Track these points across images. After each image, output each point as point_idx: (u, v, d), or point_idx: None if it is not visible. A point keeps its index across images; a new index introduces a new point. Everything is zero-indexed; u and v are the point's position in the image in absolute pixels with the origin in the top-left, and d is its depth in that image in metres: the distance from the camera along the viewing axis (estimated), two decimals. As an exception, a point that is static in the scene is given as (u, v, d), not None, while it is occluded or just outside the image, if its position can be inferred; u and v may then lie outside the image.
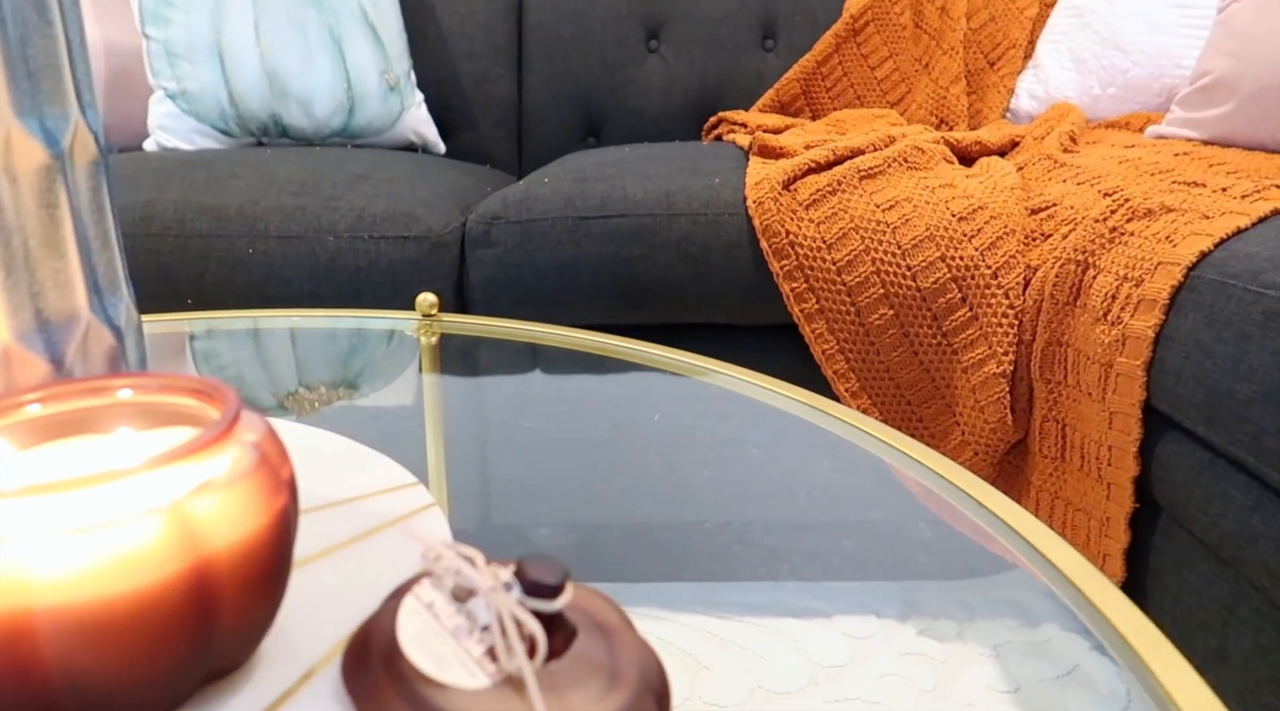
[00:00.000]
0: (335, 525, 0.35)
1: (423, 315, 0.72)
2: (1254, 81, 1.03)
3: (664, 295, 0.92)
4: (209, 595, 0.25)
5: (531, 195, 0.94)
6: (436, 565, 0.28)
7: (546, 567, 0.28)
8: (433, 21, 1.42)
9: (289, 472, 0.29)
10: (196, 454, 0.26)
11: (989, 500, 0.46)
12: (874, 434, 0.55)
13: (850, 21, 1.40)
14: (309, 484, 0.39)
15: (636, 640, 0.30)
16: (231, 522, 0.26)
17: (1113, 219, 0.83)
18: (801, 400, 0.61)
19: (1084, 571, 0.38)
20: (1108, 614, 0.36)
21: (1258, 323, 0.62)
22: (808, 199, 0.93)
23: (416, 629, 0.26)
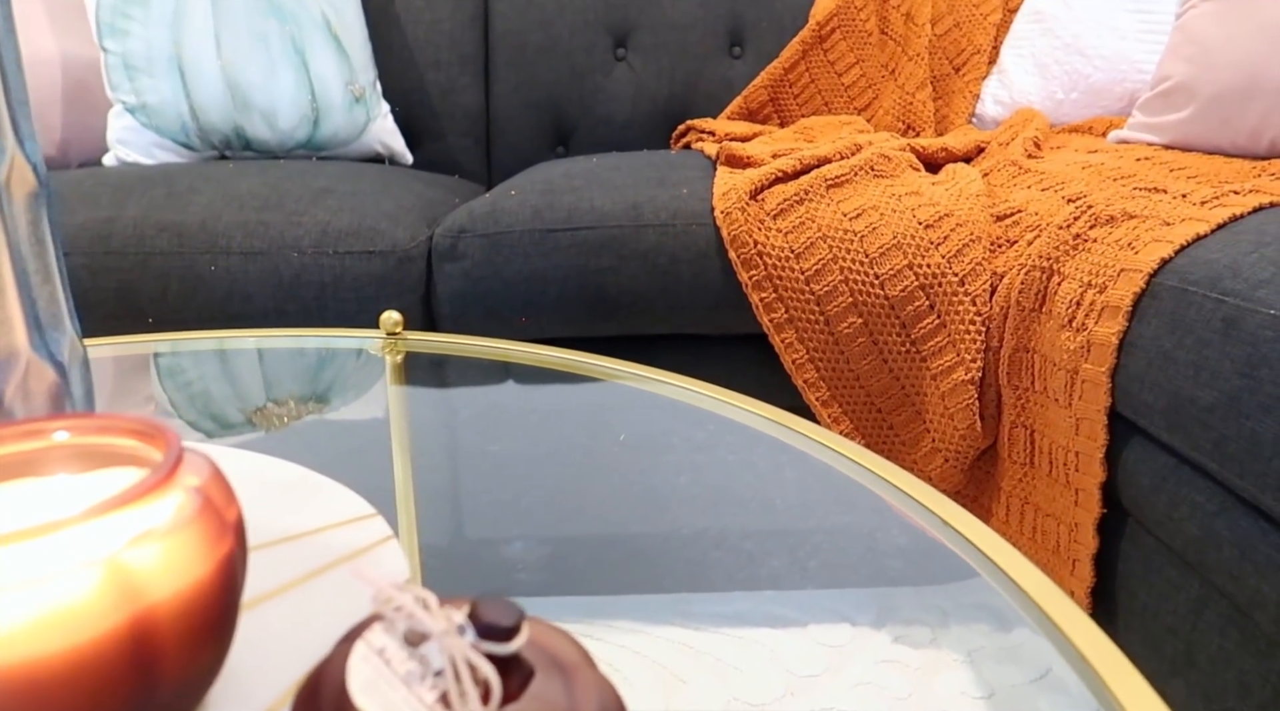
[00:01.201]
0: (289, 561, 0.34)
1: (387, 333, 0.71)
2: (1212, 86, 1.05)
3: (633, 307, 0.92)
4: (149, 649, 0.24)
5: (498, 208, 0.93)
6: (387, 608, 0.27)
7: (501, 609, 0.27)
8: (398, 31, 1.41)
9: (235, 514, 0.28)
10: (135, 501, 0.25)
11: (947, 513, 0.46)
12: (832, 446, 0.55)
13: (816, 29, 1.41)
14: (262, 517, 0.38)
15: (596, 678, 0.29)
16: (173, 572, 0.25)
17: (1076, 225, 0.83)
18: (761, 413, 0.61)
19: (1042, 586, 0.38)
20: (1066, 629, 0.36)
21: (1217, 330, 0.63)
22: (775, 208, 0.93)
23: (367, 676, 0.26)
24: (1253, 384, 0.59)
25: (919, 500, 0.48)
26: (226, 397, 0.91)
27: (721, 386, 0.98)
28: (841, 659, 0.90)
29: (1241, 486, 0.59)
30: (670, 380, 0.65)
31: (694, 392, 0.65)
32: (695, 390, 0.64)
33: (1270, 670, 0.59)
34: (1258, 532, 0.59)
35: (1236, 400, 0.60)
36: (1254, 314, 0.60)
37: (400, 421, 0.72)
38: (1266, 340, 0.58)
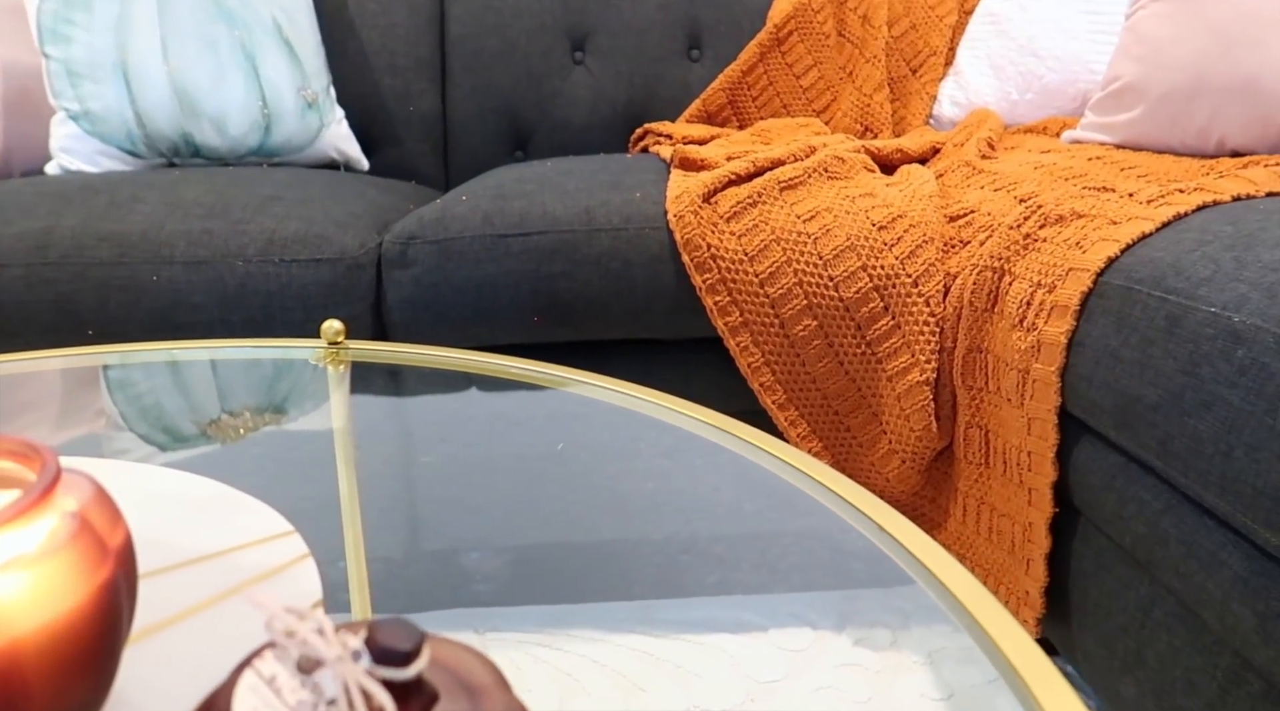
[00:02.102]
0: (199, 583, 0.33)
1: (329, 343, 0.70)
2: (1161, 86, 1.06)
3: (586, 312, 0.91)
4: (14, 685, 0.23)
5: (449, 213, 0.92)
6: (280, 635, 0.26)
7: (399, 632, 0.26)
8: (352, 36, 1.39)
9: (121, 538, 0.27)
10: (1, 527, 0.24)
11: (883, 518, 0.45)
12: (771, 451, 0.54)
13: (774, 31, 1.41)
14: (175, 537, 0.37)
15: (506, 700, 0.28)
16: (43, 602, 0.24)
17: (1026, 225, 0.83)
18: (705, 419, 0.60)
19: (974, 592, 0.38)
20: (995, 635, 0.36)
21: (1161, 328, 0.63)
22: (729, 211, 0.92)
23: (254, 707, 0.25)
24: (1194, 382, 0.59)
25: (856, 505, 0.47)
26: (180, 410, 0.89)
27: (678, 391, 0.98)
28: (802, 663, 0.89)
29: (1186, 484, 0.59)
30: (617, 388, 0.64)
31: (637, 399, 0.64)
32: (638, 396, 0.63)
33: (1216, 667, 0.59)
34: (1202, 530, 0.60)
35: (1179, 398, 0.60)
36: (1195, 312, 0.60)
37: (344, 433, 0.70)
38: (1207, 338, 0.59)
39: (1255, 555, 0.55)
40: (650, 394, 0.62)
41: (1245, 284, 0.58)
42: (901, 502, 0.98)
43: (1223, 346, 0.57)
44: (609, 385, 0.63)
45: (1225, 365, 0.56)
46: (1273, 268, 0.58)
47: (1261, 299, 0.56)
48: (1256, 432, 0.53)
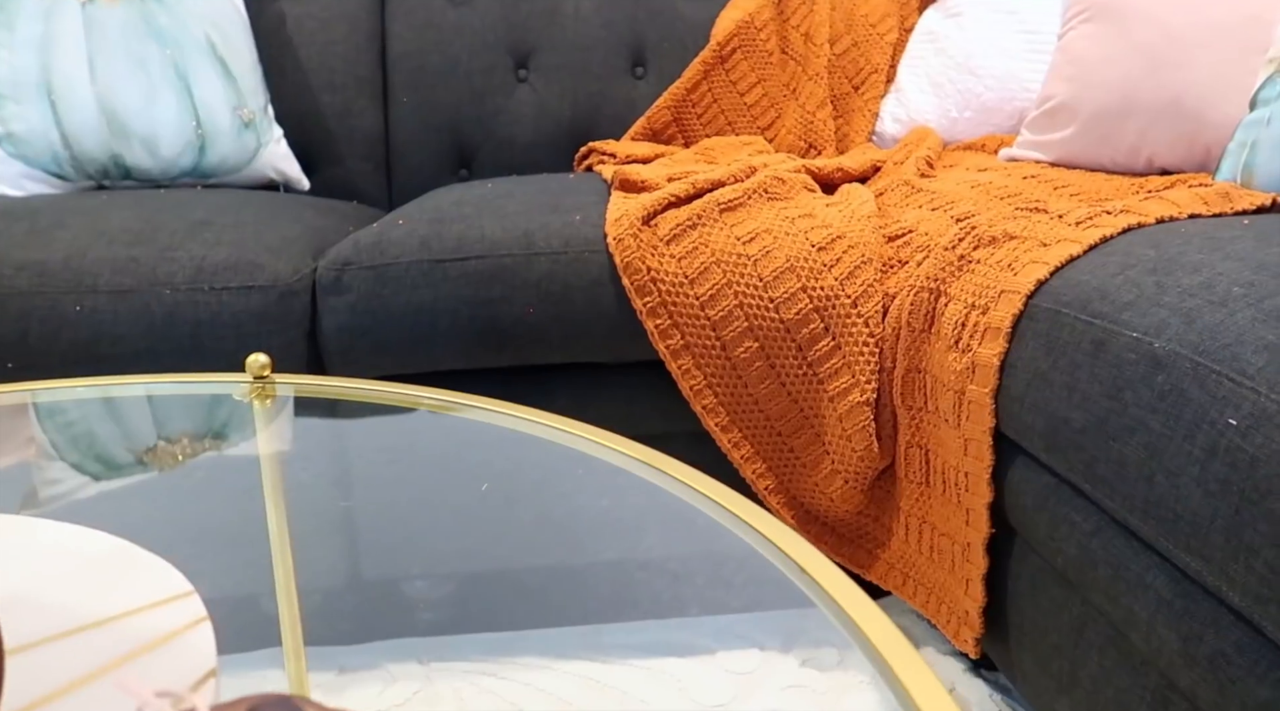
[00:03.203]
0: (83, 652, 0.32)
1: (254, 377, 0.68)
2: (1091, 105, 1.08)
3: (526, 337, 0.90)
4: None
5: (385, 238, 0.90)
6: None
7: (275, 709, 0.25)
8: (290, 53, 1.37)
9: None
10: None
11: (786, 543, 0.45)
12: (675, 474, 0.54)
13: (717, 49, 1.41)
14: (61, 598, 0.35)
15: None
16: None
17: (961, 246, 0.84)
18: (623, 450, 0.59)
19: (871, 617, 0.38)
20: (891, 661, 0.36)
21: (1087, 352, 0.64)
22: (668, 234, 0.92)
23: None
24: (1119, 406, 0.59)
25: (759, 530, 0.47)
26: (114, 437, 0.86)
27: (621, 415, 0.97)
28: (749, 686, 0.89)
29: (1113, 507, 0.60)
30: (528, 415, 0.63)
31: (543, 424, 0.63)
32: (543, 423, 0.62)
33: (1145, 688, 0.60)
34: (1129, 553, 0.60)
35: (1104, 422, 0.61)
36: (1119, 336, 0.61)
37: (272, 470, 0.68)
38: (1129, 362, 0.59)
39: (1179, 578, 0.56)
40: (567, 424, 0.61)
41: (1165, 309, 0.59)
42: (846, 522, 0.98)
43: (1144, 372, 0.58)
44: (532, 416, 0.62)
45: (1147, 391, 0.57)
46: (1190, 293, 0.59)
47: (1180, 324, 0.57)
48: (1176, 458, 0.53)
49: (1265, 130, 0.85)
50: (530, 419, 0.62)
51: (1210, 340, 0.54)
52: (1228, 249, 0.63)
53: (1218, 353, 0.53)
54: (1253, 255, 0.60)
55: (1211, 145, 1.00)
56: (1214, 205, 0.78)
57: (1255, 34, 0.96)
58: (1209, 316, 0.56)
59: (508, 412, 0.62)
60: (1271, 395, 0.48)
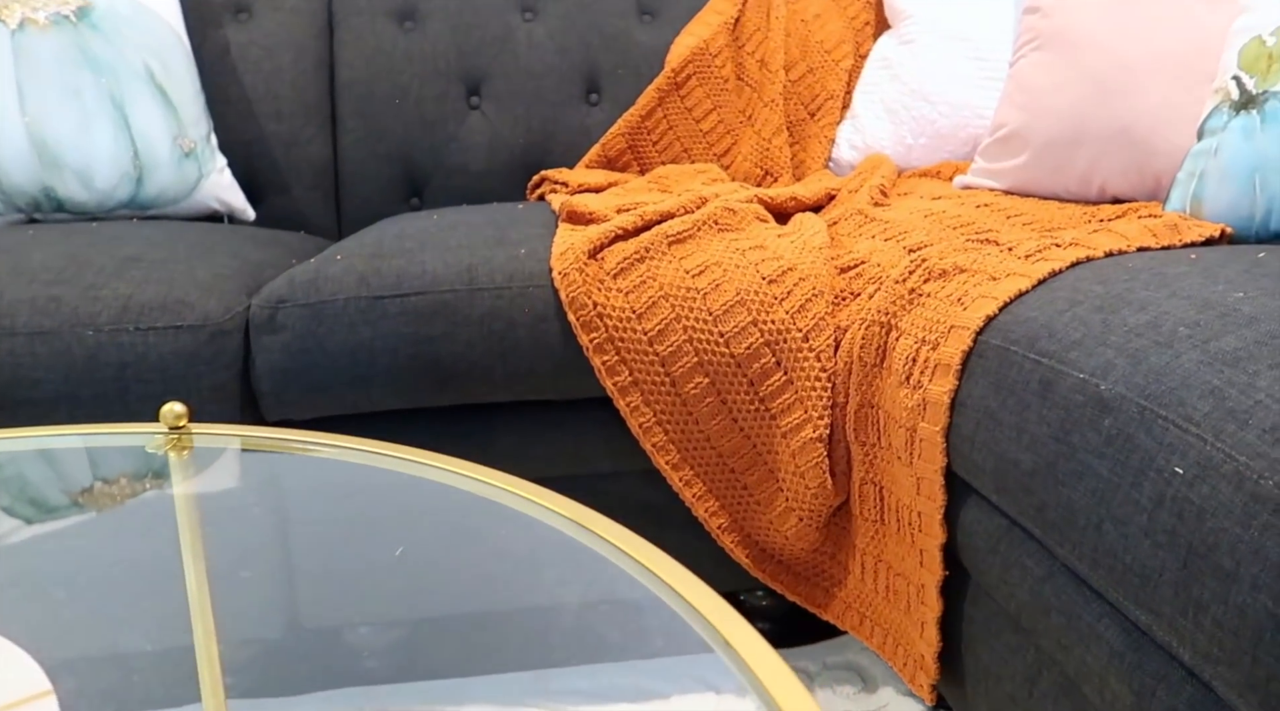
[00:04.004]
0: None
1: (169, 428, 0.64)
2: (1043, 134, 1.08)
3: (469, 375, 0.87)
4: None
5: (321, 274, 0.87)
6: None
7: None
8: (235, 81, 1.34)
9: None
10: None
11: (687, 589, 0.44)
12: (580, 522, 0.51)
13: (672, 75, 1.40)
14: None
15: None
16: None
17: (911, 280, 0.83)
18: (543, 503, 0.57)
19: (772, 667, 0.36)
20: None
21: (1035, 392, 0.62)
22: (615, 268, 0.90)
23: None
24: (1066, 449, 0.58)
25: (663, 578, 0.45)
26: (47, 479, 0.82)
27: (569, 453, 0.95)
28: (704, 731, 0.84)
29: (1063, 554, 0.58)
30: (448, 467, 0.61)
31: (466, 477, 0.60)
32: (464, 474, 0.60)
33: (1100, 743, 0.57)
34: (1081, 601, 0.58)
35: (1053, 466, 0.59)
36: (1066, 376, 0.60)
37: (190, 526, 0.65)
38: (1077, 404, 0.58)
39: (1131, 630, 0.54)
40: (484, 473, 0.58)
41: (1112, 349, 0.58)
42: (802, 559, 0.96)
43: (1091, 415, 0.56)
44: (457, 468, 0.59)
45: (1094, 434, 0.56)
46: (1137, 332, 0.58)
47: (1126, 365, 0.56)
48: (1124, 506, 0.52)
49: (1213, 160, 0.85)
50: (450, 469, 0.59)
51: (1156, 383, 0.53)
52: (1174, 286, 0.61)
53: (1164, 396, 0.52)
54: (1198, 293, 0.59)
55: (1162, 174, 1.00)
56: (1162, 237, 0.78)
57: (1203, 63, 0.96)
58: (1155, 358, 0.54)
59: (430, 463, 0.60)
60: (1217, 443, 0.47)
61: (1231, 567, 0.44)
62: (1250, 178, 0.82)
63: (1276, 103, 0.80)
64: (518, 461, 0.93)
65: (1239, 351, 0.51)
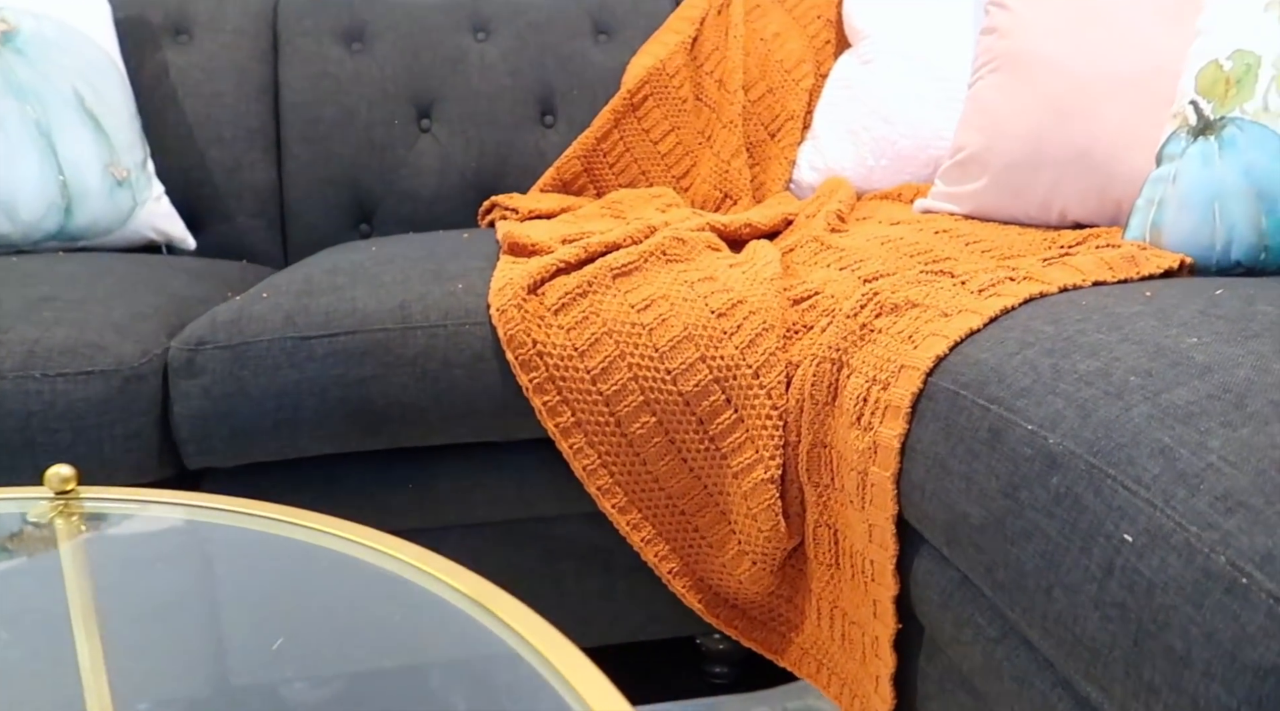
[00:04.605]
0: None
1: (55, 493, 0.60)
2: (1002, 157, 1.05)
3: (403, 418, 0.83)
4: None
5: (245, 314, 0.83)
6: None
7: None
8: (174, 105, 1.29)
9: None
10: None
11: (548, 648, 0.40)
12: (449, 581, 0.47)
13: (628, 96, 1.36)
14: None
15: None
16: None
17: (863, 314, 0.79)
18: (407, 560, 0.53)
19: None
20: None
21: (985, 441, 0.59)
22: (556, 303, 0.86)
23: None
24: (1015, 506, 0.54)
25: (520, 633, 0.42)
26: None
27: (511, 496, 0.90)
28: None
29: (1014, 618, 0.55)
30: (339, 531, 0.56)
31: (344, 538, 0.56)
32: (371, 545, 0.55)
33: (1056, 820, 0.54)
34: (1034, 667, 0.55)
35: (1002, 522, 0.55)
36: (1015, 427, 0.56)
37: (80, 599, 0.60)
38: (1025, 458, 0.54)
39: (1085, 704, 0.50)
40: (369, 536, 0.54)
41: (1061, 398, 0.55)
42: (757, 603, 0.92)
43: (1039, 470, 0.53)
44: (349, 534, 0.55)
45: (1042, 491, 0.52)
46: (1087, 380, 0.54)
47: (1075, 418, 0.52)
48: (1073, 572, 0.48)
49: (1171, 187, 0.82)
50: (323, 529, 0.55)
51: (1105, 439, 0.49)
52: (1127, 328, 0.58)
53: (1113, 454, 0.48)
54: (1151, 337, 0.56)
55: (1122, 199, 0.97)
56: (1119, 271, 0.74)
57: (1161, 85, 0.94)
58: (1105, 410, 0.51)
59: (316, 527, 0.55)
60: (1167, 510, 0.43)
61: (1183, 651, 0.40)
62: (1209, 206, 0.79)
63: (1234, 129, 0.78)
64: (458, 506, 0.89)
65: (1191, 406, 0.48)
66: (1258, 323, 0.55)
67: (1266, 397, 0.46)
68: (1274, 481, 0.41)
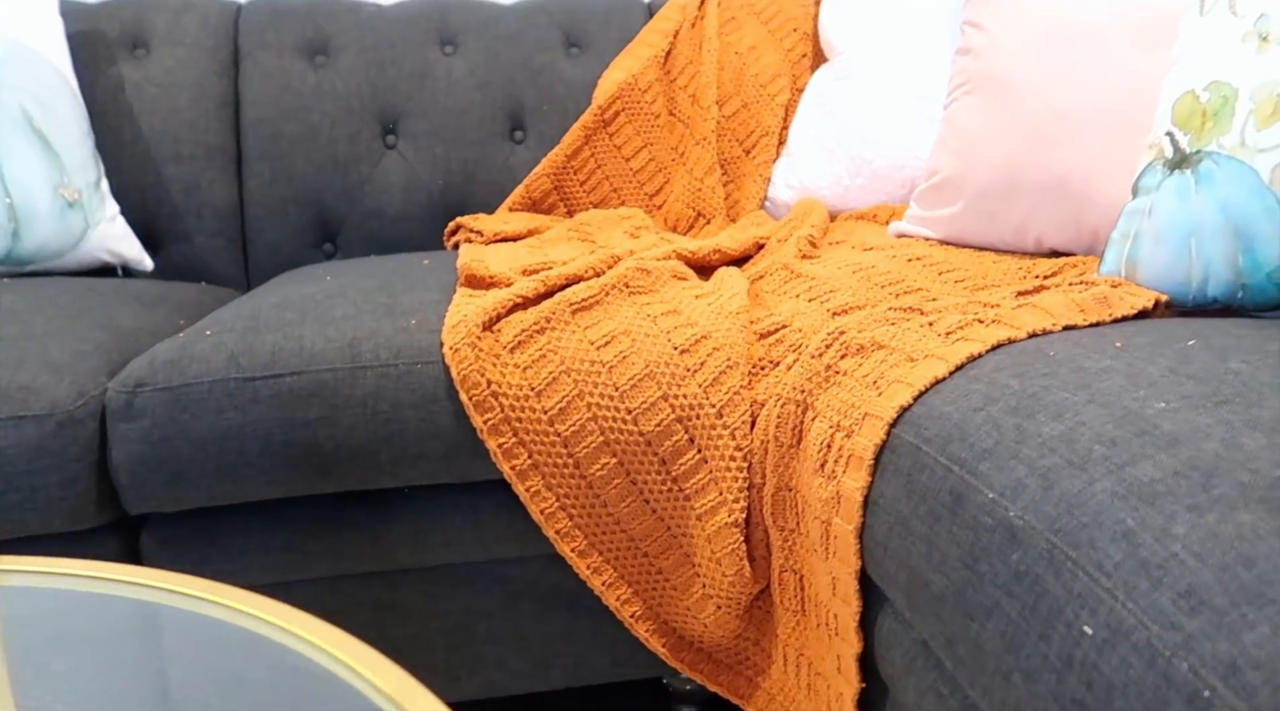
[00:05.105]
0: None
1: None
2: (977, 182, 1.02)
3: (352, 462, 0.80)
4: None
5: (187, 354, 0.80)
6: None
7: None
8: (129, 122, 1.25)
9: None
10: None
11: None
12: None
13: (599, 112, 1.33)
14: None
15: None
16: None
17: (828, 354, 0.77)
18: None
19: None
20: None
21: (946, 504, 0.56)
22: (512, 341, 0.83)
23: None
24: (975, 579, 0.51)
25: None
26: None
27: (468, 539, 0.87)
28: None
29: (974, 697, 0.52)
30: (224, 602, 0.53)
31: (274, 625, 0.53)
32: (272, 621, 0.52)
33: None
34: (995, 748, 0.52)
35: (963, 594, 0.53)
36: (976, 493, 0.54)
37: None
38: (986, 528, 0.52)
39: (1045, 792, 0.48)
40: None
41: (1024, 464, 0.52)
42: (724, 646, 0.90)
43: (1000, 544, 0.50)
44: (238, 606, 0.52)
45: (1003, 567, 0.49)
46: (1051, 446, 0.52)
47: (1038, 488, 0.50)
48: (1032, 659, 0.45)
49: (1147, 221, 0.79)
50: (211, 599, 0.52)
51: (1067, 515, 0.47)
52: (1094, 388, 0.55)
53: (1075, 534, 0.46)
54: (1118, 400, 0.53)
55: (1099, 227, 0.94)
56: (1091, 313, 0.72)
57: (1139, 112, 0.91)
58: (1067, 482, 0.48)
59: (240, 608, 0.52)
60: (1128, 603, 0.41)
61: (1143, 763, 0.37)
62: (1185, 242, 0.76)
63: (1211, 164, 0.75)
64: (412, 549, 0.86)
65: (1156, 484, 0.45)
66: (1228, 385, 0.52)
67: (1233, 478, 0.43)
68: (1238, 579, 0.38)
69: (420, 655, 0.89)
